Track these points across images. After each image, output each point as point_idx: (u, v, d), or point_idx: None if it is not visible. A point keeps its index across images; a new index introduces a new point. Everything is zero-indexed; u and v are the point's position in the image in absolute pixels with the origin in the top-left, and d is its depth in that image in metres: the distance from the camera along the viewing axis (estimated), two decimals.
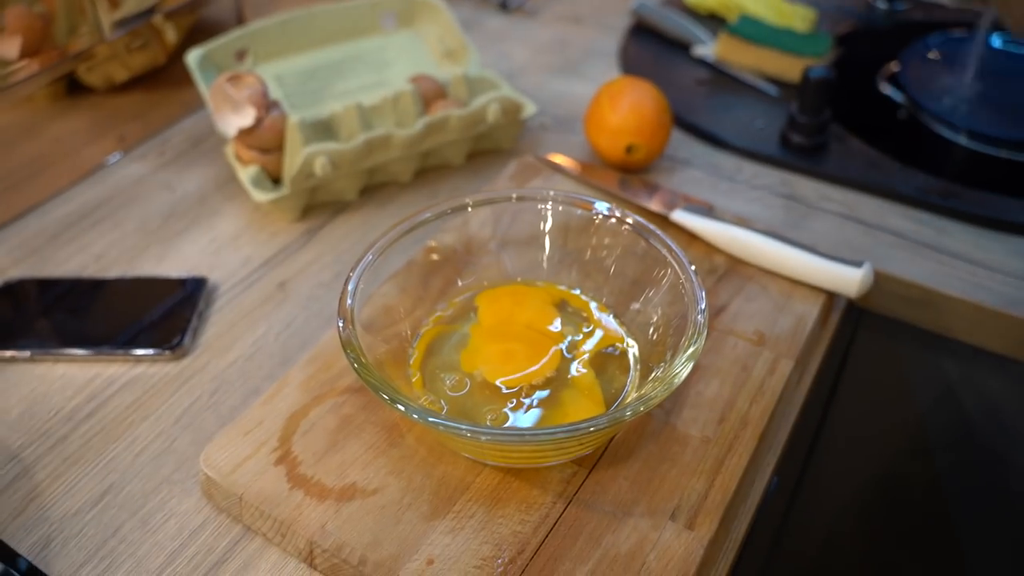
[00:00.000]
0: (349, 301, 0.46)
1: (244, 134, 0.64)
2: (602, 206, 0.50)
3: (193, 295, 0.58)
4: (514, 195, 0.50)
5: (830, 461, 0.74)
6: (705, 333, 0.43)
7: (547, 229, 0.52)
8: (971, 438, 0.68)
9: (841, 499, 0.76)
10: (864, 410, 0.71)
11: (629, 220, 0.49)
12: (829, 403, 0.69)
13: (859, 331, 0.66)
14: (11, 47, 0.69)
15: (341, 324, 0.44)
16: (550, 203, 0.51)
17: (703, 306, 0.44)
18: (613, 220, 0.50)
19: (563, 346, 0.49)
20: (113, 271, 0.61)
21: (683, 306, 0.46)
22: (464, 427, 0.40)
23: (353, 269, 0.47)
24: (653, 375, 0.45)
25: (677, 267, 0.47)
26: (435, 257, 0.52)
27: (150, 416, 0.51)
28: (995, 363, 0.60)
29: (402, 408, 0.41)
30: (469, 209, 0.50)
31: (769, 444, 0.50)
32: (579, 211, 0.51)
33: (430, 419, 0.40)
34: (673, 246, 0.48)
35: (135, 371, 0.54)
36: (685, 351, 0.42)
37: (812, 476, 0.74)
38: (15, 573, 0.43)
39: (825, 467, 0.76)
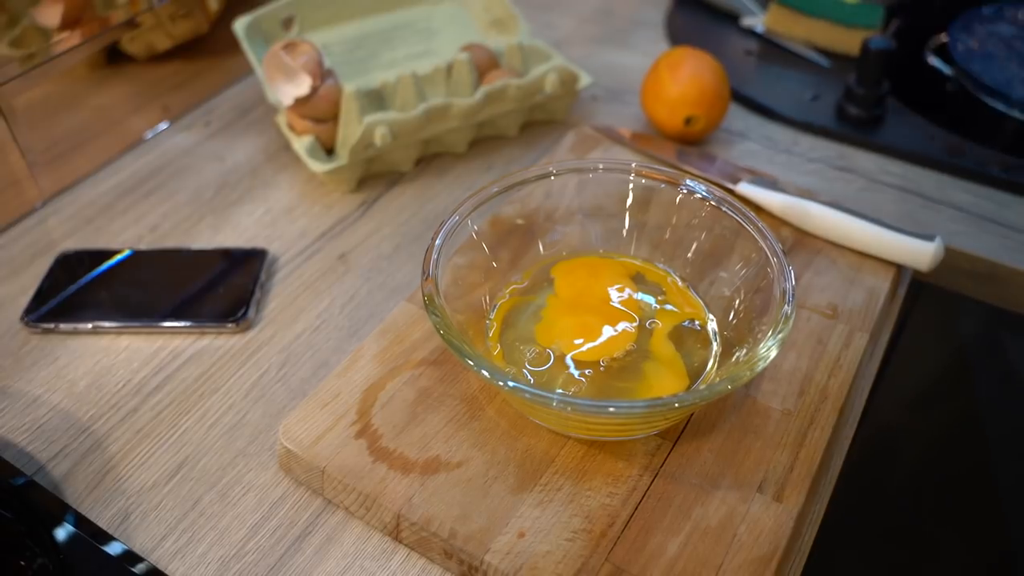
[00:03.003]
0: (435, 257, 0.45)
1: (299, 103, 0.63)
2: (689, 180, 0.50)
3: (253, 267, 0.57)
4: (600, 165, 0.50)
5: (879, 436, 0.74)
6: (794, 315, 0.43)
7: (628, 202, 0.51)
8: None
9: (887, 474, 0.76)
10: (917, 382, 0.71)
11: (715, 195, 0.49)
12: (880, 375, 0.69)
13: (916, 305, 0.65)
14: (52, 16, 0.68)
15: (425, 283, 0.44)
16: (633, 175, 0.50)
17: (792, 287, 0.44)
18: (698, 195, 0.49)
19: (641, 319, 0.49)
20: (169, 242, 0.61)
21: (768, 283, 0.45)
22: (553, 397, 0.40)
23: (440, 226, 0.47)
24: (737, 354, 0.45)
25: (764, 245, 0.46)
26: (513, 224, 0.51)
27: (219, 389, 0.51)
28: None
29: (487, 374, 0.40)
30: (553, 177, 0.50)
31: (847, 418, 0.50)
32: (663, 184, 0.50)
33: (516, 385, 0.40)
34: (760, 224, 0.47)
35: (200, 344, 0.54)
36: (775, 332, 0.42)
37: (860, 450, 0.73)
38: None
39: (873, 442, 0.76)
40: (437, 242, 0.45)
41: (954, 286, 0.61)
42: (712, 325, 0.49)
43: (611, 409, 0.40)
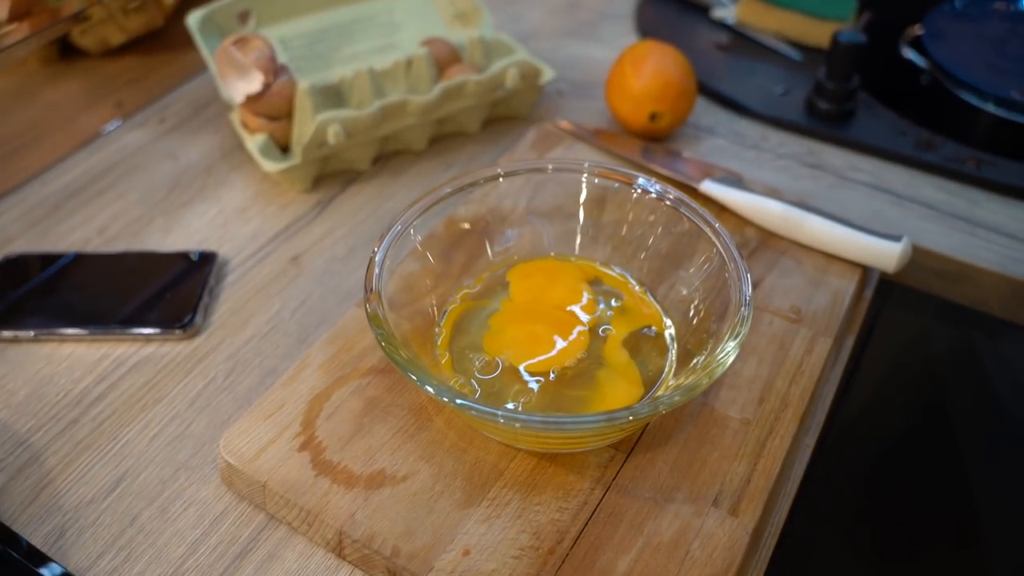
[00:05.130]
0: (377, 271, 0.43)
1: (251, 100, 0.61)
2: (643, 180, 0.48)
3: (203, 270, 0.56)
4: (550, 166, 0.48)
5: (845, 441, 0.73)
6: (750, 320, 0.41)
7: (582, 202, 0.49)
8: (998, 412, 0.67)
9: (857, 474, 0.75)
10: (886, 384, 0.70)
11: (671, 195, 0.47)
12: (851, 377, 0.68)
13: (885, 305, 0.64)
14: (0, 8, 0.65)
15: (368, 299, 0.42)
16: (586, 175, 0.49)
17: (748, 291, 0.42)
18: (653, 195, 0.48)
19: (595, 326, 0.47)
20: (118, 245, 0.59)
21: (725, 287, 0.44)
22: (500, 413, 0.38)
23: (380, 239, 0.45)
24: (695, 361, 0.43)
25: (721, 248, 0.44)
26: (461, 228, 0.49)
27: (163, 398, 0.49)
28: None
29: (432, 391, 0.39)
30: (501, 180, 0.48)
31: (808, 426, 0.49)
32: (616, 184, 0.48)
33: (462, 402, 0.38)
34: (717, 226, 0.45)
35: (145, 351, 0.52)
36: (732, 337, 0.41)
37: (830, 450, 0.72)
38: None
39: (839, 447, 0.74)
40: (378, 256, 0.44)
41: (924, 286, 0.60)
42: (670, 331, 0.47)
43: (562, 424, 0.38)
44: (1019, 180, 0.62)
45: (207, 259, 0.56)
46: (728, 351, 0.40)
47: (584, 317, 0.47)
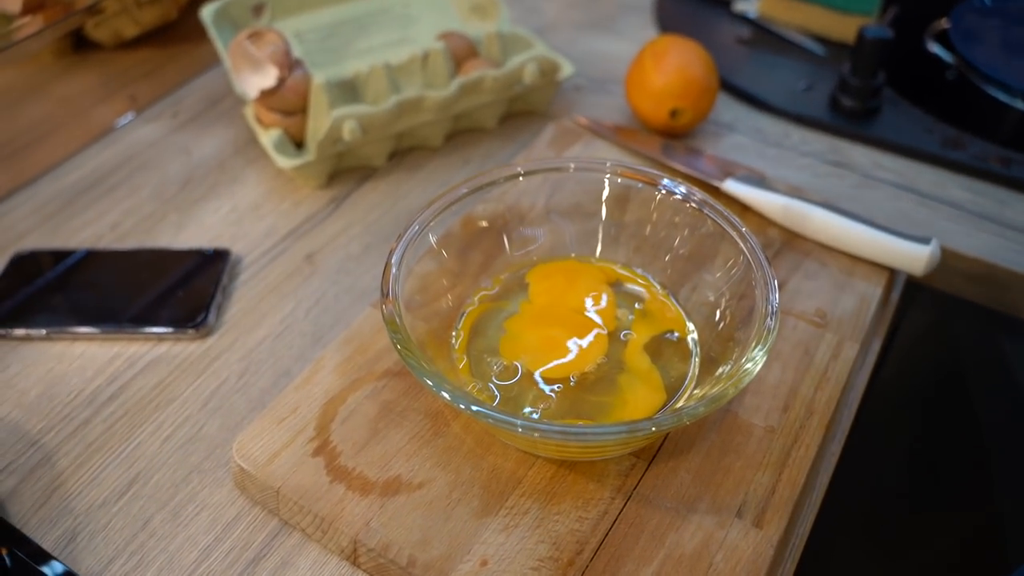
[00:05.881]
0: (394, 273, 0.42)
1: (266, 95, 0.60)
2: (667, 180, 0.47)
3: (216, 268, 0.55)
4: (572, 165, 0.47)
5: (871, 447, 0.71)
6: (777, 328, 0.40)
7: (603, 201, 0.48)
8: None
9: (879, 489, 0.74)
10: (911, 386, 0.68)
11: (695, 196, 0.46)
12: (873, 380, 0.66)
13: (910, 306, 0.63)
14: (13, 2, 0.65)
15: (384, 302, 0.41)
16: (608, 175, 0.48)
17: (775, 298, 0.41)
18: (678, 196, 0.47)
19: (616, 330, 0.46)
20: (130, 241, 0.58)
21: (751, 292, 0.43)
22: (519, 422, 0.37)
23: (397, 241, 0.44)
24: (720, 371, 0.42)
25: (747, 252, 0.43)
26: (479, 227, 0.48)
27: (176, 399, 0.49)
28: None
29: (449, 397, 0.38)
30: (521, 179, 0.47)
31: (834, 434, 0.48)
32: (640, 184, 0.47)
33: (480, 410, 0.37)
34: (743, 229, 0.44)
35: (158, 350, 0.51)
36: (759, 346, 0.39)
37: (854, 453, 0.71)
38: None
39: (864, 453, 0.73)
40: (395, 258, 0.43)
41: (950, 288, 0.58)
42: (692, 336, 0.46)
43: (582, 435, 0.37)
44: None
45: (220, 256, 0.56)
46: (755, 360, 0.39)
47: (604, 321, 0.46)
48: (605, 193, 0.48)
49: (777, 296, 0.41)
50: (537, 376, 0.44)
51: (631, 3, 0.82)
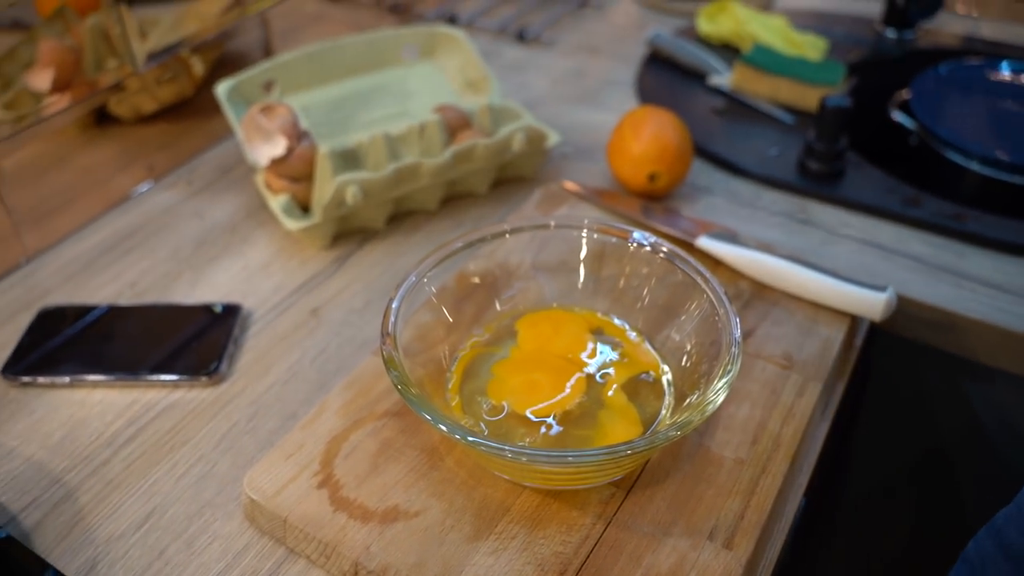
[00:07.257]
0: (392, 319, 0.47)
1: (275, 163, 0.65)
2: (638, 234, 0.52)
3: (228, 321, 0.59)
4: (552, 223, 0.52)
5: (854, 482, 0.75)
6: (740, 360, 0.44)
7: (583, 256, 0.53)
8: (993, 459, 0.68)
9: (866, 521, 0.77)
10: (886, 432, 0.72)
11: (664, 248, 0.51)
12: (851, 425, 0.70)
13: (881, 354, 0.67)
14: (44, 80, 0.70)
15: (384, 342, 0.46)
16: (586, 231, 0.52)
17: (738, 334, 0.45)
18: (648, 248, 0.52)
19: (596, 372, 0.50)
20: (147, 298, 0.63)
21: (716, 333, 0.47)
22: (507, 448, 0.41)
23: (397, 288, 0.48)
24: (688, 400, 0.46)
25: (711, 295, 0.48)
26: (472, 283, 0.53)
27: (190, 441, 0.52)
28: (1018, 385, 0.61)
29: (444, 428, 0.42)
30: (508, 236, 0.52)
31: (800, 465, 0.51)
32: (614, 239, 0.52)
33: (472, 439, 0.41)
34: (707, 275, 0.49)
35: (173, 396, 0.55)
36: (721, 377, 0.44)
37: (837, 497, 0.74)
38: None
39: (849, 489, 0.76)
40: (394, 304, 0.47)
41: (914, 335, 0.63)
42: (667, 376, 0.50)
43: (565, 458, 0.41)
44: (1003, 233, 0.66)
45: (232, 311, 0.60)
46: (719, 389, 0.43)
47: (586, 364, 0.51)
48: (583, 249, 0.53)
49: (739, 329, 0.45)
50: (528, 413, 0.48)
51: (615, 79, 0.89)
